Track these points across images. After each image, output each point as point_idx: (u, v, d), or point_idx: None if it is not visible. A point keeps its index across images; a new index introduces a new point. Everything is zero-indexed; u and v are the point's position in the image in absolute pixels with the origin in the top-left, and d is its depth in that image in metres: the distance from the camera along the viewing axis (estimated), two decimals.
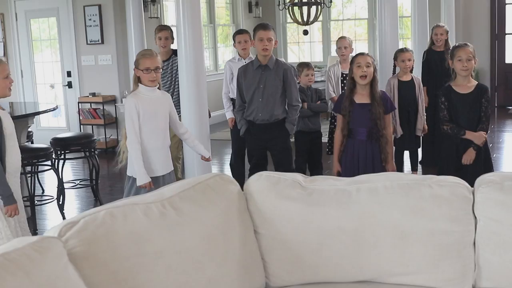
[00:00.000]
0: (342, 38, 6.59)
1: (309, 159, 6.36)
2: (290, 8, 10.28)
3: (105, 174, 8.07)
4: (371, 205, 2.69)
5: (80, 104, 9.63)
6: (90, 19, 9.50)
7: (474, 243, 2.62)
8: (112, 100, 9.46)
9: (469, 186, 2.69)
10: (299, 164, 6.31)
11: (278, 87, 5.11)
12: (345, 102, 4.64)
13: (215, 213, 2.67)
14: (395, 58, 6.29)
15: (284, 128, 5.18)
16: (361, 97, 4.62)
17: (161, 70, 4.36)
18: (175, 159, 6.60)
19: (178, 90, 6.29)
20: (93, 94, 9.51)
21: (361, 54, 4.64)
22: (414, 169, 6.53)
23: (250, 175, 5.51)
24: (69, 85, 9.88)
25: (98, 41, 9.51)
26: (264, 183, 2.87)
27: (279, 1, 10.71)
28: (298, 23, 10.44)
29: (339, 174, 4.69)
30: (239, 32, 6.35)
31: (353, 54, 5.75)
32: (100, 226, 2.29)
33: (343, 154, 4.69)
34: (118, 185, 7.14)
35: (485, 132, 4.50)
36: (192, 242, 2.50)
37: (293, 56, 13.83)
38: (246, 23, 12.75)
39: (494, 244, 2.57)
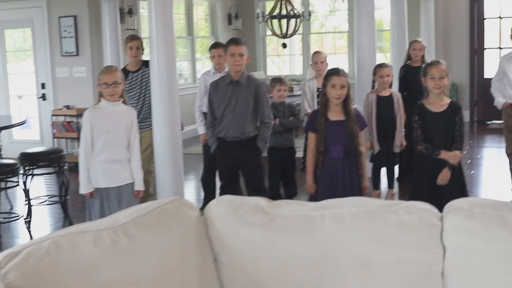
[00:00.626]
0: (317, 53, 6.51)
1: (282, 176, 6.26)
2: (269, 21, 10.20)
3: (77, 189, 7.87)
4: (336, 232, 2.57)
5: (54, 116, 9.45)
6: (65, 30, 9.35)
7: (443, 273, 2.50)
8: None
9: (438, 213, 2.57)
10: (272, 182, 6.22)
11: (250, 103, 4.99)
12: (320, 119, 4.51)
13: (171, 241, 2.53)
14: (374, 73, 6.21)
15: (256, 146, 5.05)
16: (335, 114, 4.50)
17: (121, 84, 4.53)
18: (147, 173, 6.46)
19: (149, 102, 6.16)
20: (67, 107, 9.34)
21: (336, 74, 4.47)
22: (390, 186, 6.43)
23: (221, 193, 5.41)
24: (43, 97, 9.71)
25: (73, 52, 9.35)
26: (225, 208, 2.74)
27: (257, 14, 10.62)
28: (277, 36, 10.37)
29: (315, 195, 4.56)
30: (214, 46, 6.24)
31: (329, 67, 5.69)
32: (44, 256, 2.15)
33: (321, 172, 4.55)
34: None
35: (460, 151, 4.41)
36: (145, 272, 2.36)
37: (274, 69, 13.75)
38: (226, 35, 12.62)
39: (463, 274, 2.44)
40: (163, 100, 6.02)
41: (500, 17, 11.70)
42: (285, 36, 10.25)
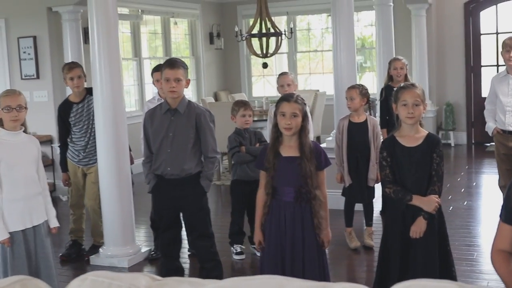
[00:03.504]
0: (284, 74, 5.78)
1: (248, 213, 5.54)
2: (248, 40, 9.52)
3: None
4: None
5: None
6: (24, 52, 8.64)
7: None
8: (48, 141, 8.56)
9: None
10: (235, 219, 5.59)
11: (190, 135, 4.23)
12: (269, 154, 3.76)
13: None
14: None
15: (199, 185, 4.29)
16: (289, 150, 3.74)
17: (26, 109, 4.01)
18: (95, 212, 5.76)
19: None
20: None
21: (287, 100, 3.75)
22: (368, 224, 5.66)
23: (160, 241, 4.65)
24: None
25: (33, 75, 8.63)
26: None
27: (236, 33, 9.93)
28: (256, 55, 9.69)
29: (263, 245, 3.82)
30: (156, 69, 5.47)
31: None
32: None
33: (267, 218, 3.80)
34: None
35: (437, 196, 3.60)
36: None
37: (259, 90, 13.01)
38: (207, 55, 11.97)
39: None
40: (109, 132, 5.34)
41: (497, 33, 10.95)
42: (265, 55, 9.56)
